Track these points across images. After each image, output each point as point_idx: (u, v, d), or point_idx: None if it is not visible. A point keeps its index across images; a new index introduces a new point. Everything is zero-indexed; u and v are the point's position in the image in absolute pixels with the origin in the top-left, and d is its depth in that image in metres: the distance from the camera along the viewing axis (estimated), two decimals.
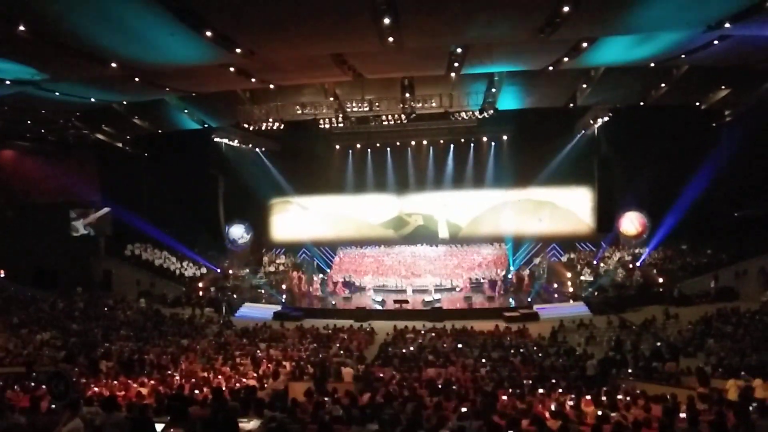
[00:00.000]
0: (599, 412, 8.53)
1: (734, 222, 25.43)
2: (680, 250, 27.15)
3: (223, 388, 11.06)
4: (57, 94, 18.42)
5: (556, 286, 27.26)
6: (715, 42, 15.09)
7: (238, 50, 14.35)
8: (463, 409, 8.35)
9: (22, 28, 11.81)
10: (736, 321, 18.91)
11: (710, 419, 7.38)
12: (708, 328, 18.47)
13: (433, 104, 21.14)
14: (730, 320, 19.15)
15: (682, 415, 7.88)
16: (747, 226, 24.63)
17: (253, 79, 18.52)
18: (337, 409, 8.78)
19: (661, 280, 25.28)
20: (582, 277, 26.90)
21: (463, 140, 30.00)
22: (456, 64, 17.40)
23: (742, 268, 23.79)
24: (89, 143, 27.07)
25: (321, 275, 29.59)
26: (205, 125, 24.61)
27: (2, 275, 26.94)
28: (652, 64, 18.07)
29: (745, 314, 19.38)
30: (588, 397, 10.05)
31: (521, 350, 17.45)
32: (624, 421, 7.78)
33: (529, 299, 25.55)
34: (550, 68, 17.92)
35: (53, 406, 7.03)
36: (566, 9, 11.67)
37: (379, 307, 25.77)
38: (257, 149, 29.99)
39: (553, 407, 9.05)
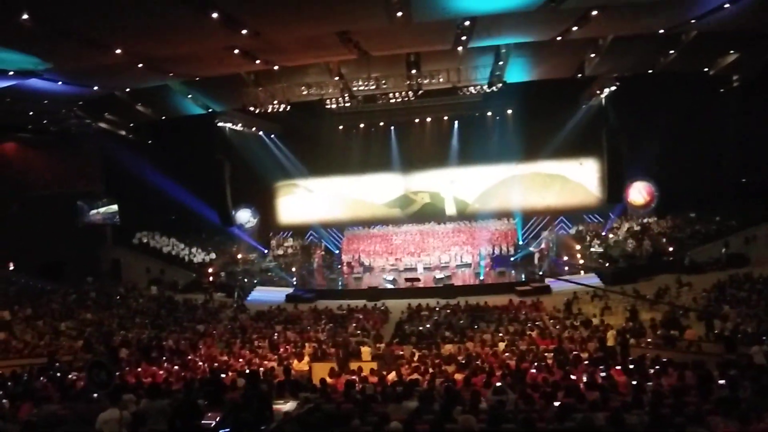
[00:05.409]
0: (633, 382, 8.52)
1: (742, 188, 25.34)
2: (689, 218, 27.09)
3: (259, 371, 11.11)
4: (60, 83, 18.20)
5: (566, 258, 27.21)
6: (726, 6, 14.86)
7: (243, 31, 14.13)
8: (498, 384, 8.33)
9: (25, 16, 11.60)
10: (749, 287, 18.94)
11: (747, 385, 7.38)
12: (722, 295, 18.49)
13: (441, 80, 20.75)
14: (743, 286, 19.18)
15: (721, 381, 7.87)
16: (755, 192, 24.55)
17: (257, 61, 18.21)
18: (370, 388, 8.79)
19: (671, 249, 25.25)
20: (592, 249, 26.89)
21: (467, 116, 29.69)
22: (463, 38, 17.08)
23: (751, 234, 23.76)
24: (92, 132, 26.82)
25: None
26: (209, 110, 24.30)
27: (11, 268, 26.91)
28: (661, 31, 17.79)
29: (758, 279, 19.41)
30: (618, 367, 10.05)
31: (537, 323, 17.51)
32: (661, 389, 7.77)
33: (541, 272, 25.55)
34: (559, 38, 17.64)
35: (95, 395, 7.01)
36: None
37: (390, 286, 25.75)
38: (261, 132, 29.75)
39: (585, 379, 9.03)
